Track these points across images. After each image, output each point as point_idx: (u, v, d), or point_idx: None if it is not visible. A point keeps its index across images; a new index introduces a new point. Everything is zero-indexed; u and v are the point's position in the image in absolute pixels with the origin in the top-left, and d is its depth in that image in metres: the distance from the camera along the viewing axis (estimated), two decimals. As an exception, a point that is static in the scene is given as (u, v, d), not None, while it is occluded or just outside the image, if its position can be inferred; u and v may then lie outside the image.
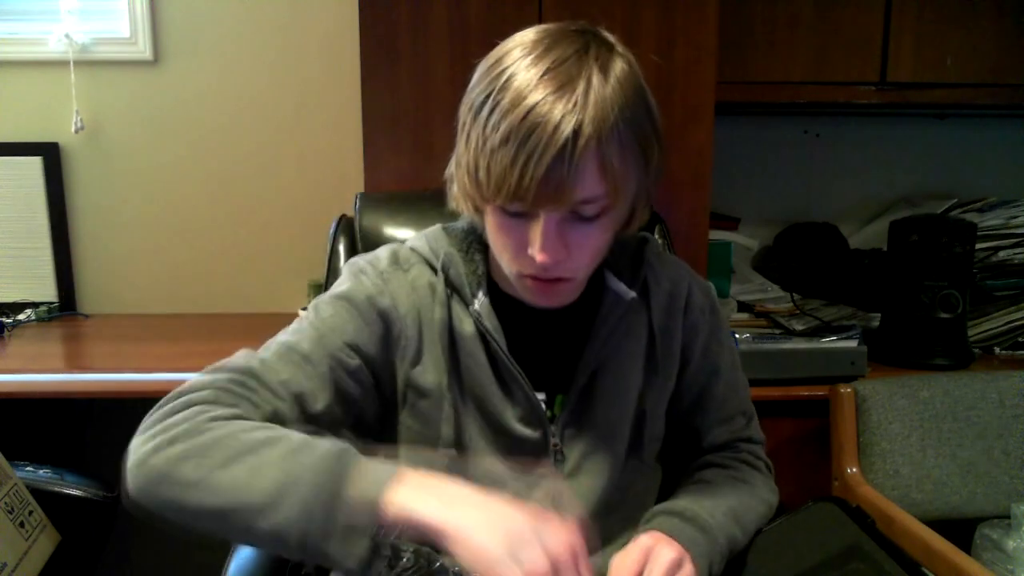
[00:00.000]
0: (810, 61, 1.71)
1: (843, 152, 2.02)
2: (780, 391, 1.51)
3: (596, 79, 0.68)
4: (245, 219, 1.96)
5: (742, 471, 0.90)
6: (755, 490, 0.89)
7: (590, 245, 0.74)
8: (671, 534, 0.78)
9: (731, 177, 1.91)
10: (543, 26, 0.74)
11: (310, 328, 0.77)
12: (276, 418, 0.70)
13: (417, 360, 0.81)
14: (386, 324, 0.80)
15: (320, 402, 0.74)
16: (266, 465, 0.61)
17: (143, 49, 1.87)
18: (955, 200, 1.94)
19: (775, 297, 1.83)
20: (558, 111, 0.66)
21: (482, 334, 0.81)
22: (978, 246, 1.68)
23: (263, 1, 1.88)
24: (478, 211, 0.78)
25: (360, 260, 0.85)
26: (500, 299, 0.83)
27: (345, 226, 1.24)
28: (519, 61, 0.70)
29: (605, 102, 0.68)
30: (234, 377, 0.71)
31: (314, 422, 0.73)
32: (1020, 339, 1.77)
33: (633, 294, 0.84)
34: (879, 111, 1.97)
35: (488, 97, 0.70)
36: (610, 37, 0.74)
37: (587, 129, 0.66)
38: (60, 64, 1.85)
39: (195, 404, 0.67)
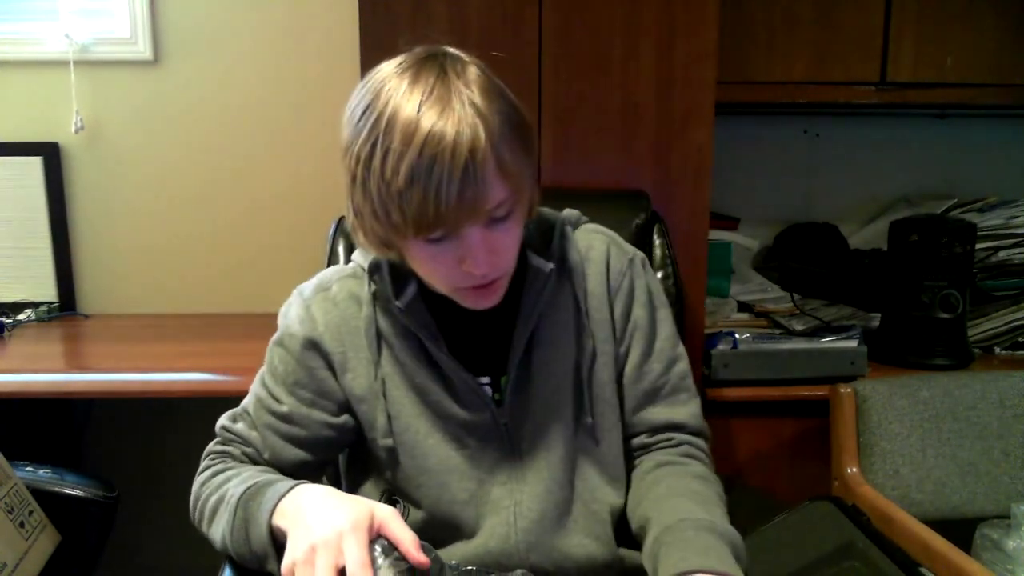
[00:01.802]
0: (810, 61, 1.71)
1: (843, 152, 2.02)
2: (780, 391, 1.51)
3: (466, 92, 0.72)
4: (245, 219, 1.96)
5: (694, 466, 0.89)
6: (718, 489, 0.87)
7: (512, 241, 0.80)
8: (718, 557, 0.73)
9: (731, 177, 1.91)
10: (395, 61, 0.76)
11: (258, 384, 0.90)
12: (251, 459, 0.88)
13: (345, 370, 0.87)
14: (316, 351, 0.88)
15: (266, 453, 0.88)
16: (219, 523, 0.81)
17: (143, 49, 1.87)
18: (955, 200, 1.94)
19: (775, 297, 1.83)
20: (449, 135, 0.69)
21: (408, 329, 0.85)
22: (978, 246, 1.68)
23: (263, 1, 1.88)
24: (390, 249, 0.81)
25: (294, 292, 0.93)
26: (431, 293, 0.86)
27: (344, 227, 1.24)
28: (391, 101, 0.72)
29: (483, 110, 0.71)
30: (218, 439, 0.91)
31: (275, 466, 0.88)
32: (1020, 339, 1.77)
33: (551, 265, 0.86)
34: (879, 111, 1.97)
35: (375, 144, 0.72)
36: (455, 50, 0.78)
37: (480, 141, 0.70)
38: (60, 64, 1.85)
39: (202, 472, 0.88)
